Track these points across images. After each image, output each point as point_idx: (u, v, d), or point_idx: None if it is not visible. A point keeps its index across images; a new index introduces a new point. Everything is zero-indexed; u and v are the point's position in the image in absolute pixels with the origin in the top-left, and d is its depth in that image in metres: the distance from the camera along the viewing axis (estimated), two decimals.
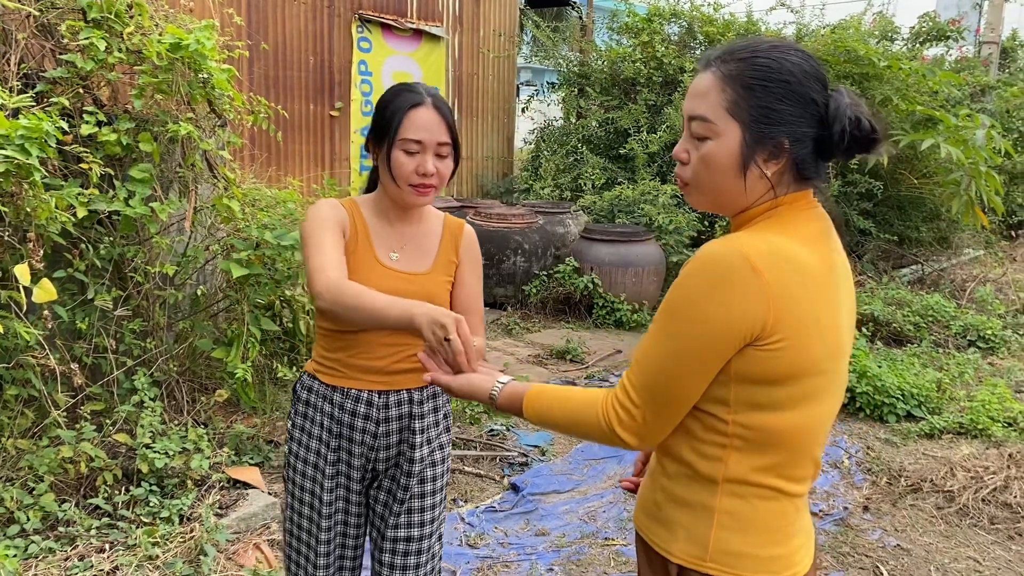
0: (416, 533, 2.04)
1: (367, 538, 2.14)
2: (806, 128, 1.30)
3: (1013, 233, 10.63)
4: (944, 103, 8.42)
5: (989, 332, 6.61)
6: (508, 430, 4.59)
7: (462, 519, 3.61)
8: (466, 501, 3.80)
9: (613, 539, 3.53)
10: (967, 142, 6.83)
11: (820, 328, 1.28)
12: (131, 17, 3.55)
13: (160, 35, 3.52)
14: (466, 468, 4.10)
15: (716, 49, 1.35)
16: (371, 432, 1.99)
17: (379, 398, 1.97)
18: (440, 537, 2.12)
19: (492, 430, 4.54)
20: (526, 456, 4.29)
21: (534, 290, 7.14)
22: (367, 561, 2.16)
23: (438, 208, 2.22)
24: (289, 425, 2.09)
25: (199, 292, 4.14)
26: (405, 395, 2.00)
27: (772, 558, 1.35)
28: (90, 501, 3.22)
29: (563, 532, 3.56)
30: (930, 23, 9.46)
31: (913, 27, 9.58)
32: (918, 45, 9.61)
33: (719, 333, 1.24)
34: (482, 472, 4.08)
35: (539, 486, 3.95)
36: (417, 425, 2.01)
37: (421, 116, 1.86)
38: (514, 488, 3.93)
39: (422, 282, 1.97)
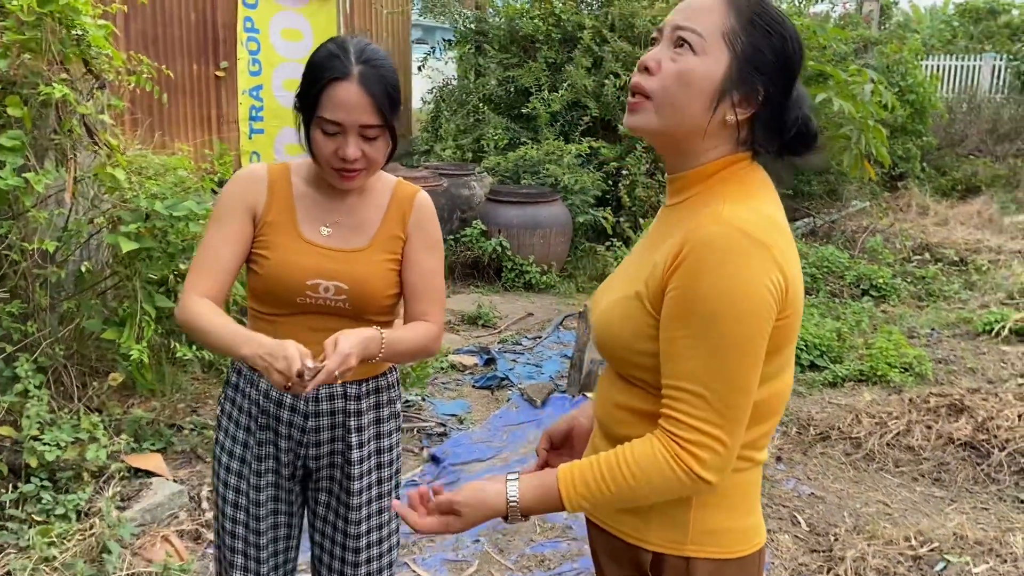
0: (364, 543, 1.85)
1: (302, 537, 1.95)
2: (776, 94, 1.24)
3: (896, 184, 11.10)
4: (832, 58, 8.63)
5: (880, 281, 6.89)
6: (423, 400, 4.48)
7: None
8: None
9: None
10: (855, 97, 7.03)
11: (802, 291, 1.25)
12: None
13: None
14: None
15: None
16: (298, 426, 1.79)
17: None
18: (393, 533, 1.93)
19: (407, 401, 4.42)
20: (444, 425, 4.20)
21: None
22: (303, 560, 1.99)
23: None
24: (218, 411, 1.88)
25: (84, 269, 3.83)
26: (339, 389, 1.78)
27: (747, 529, 1.32)
28: None
29: None
30: None
31: None
32: (804, 2, 9.82)
33: (766, 313, 1.16)
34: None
35: (460, 456, 3.86)
36: (353, 423, 1.81)
37: (340, 93, 1.60)
38: (434, 459, 3.84)
39: (354, 261, 1.73)
